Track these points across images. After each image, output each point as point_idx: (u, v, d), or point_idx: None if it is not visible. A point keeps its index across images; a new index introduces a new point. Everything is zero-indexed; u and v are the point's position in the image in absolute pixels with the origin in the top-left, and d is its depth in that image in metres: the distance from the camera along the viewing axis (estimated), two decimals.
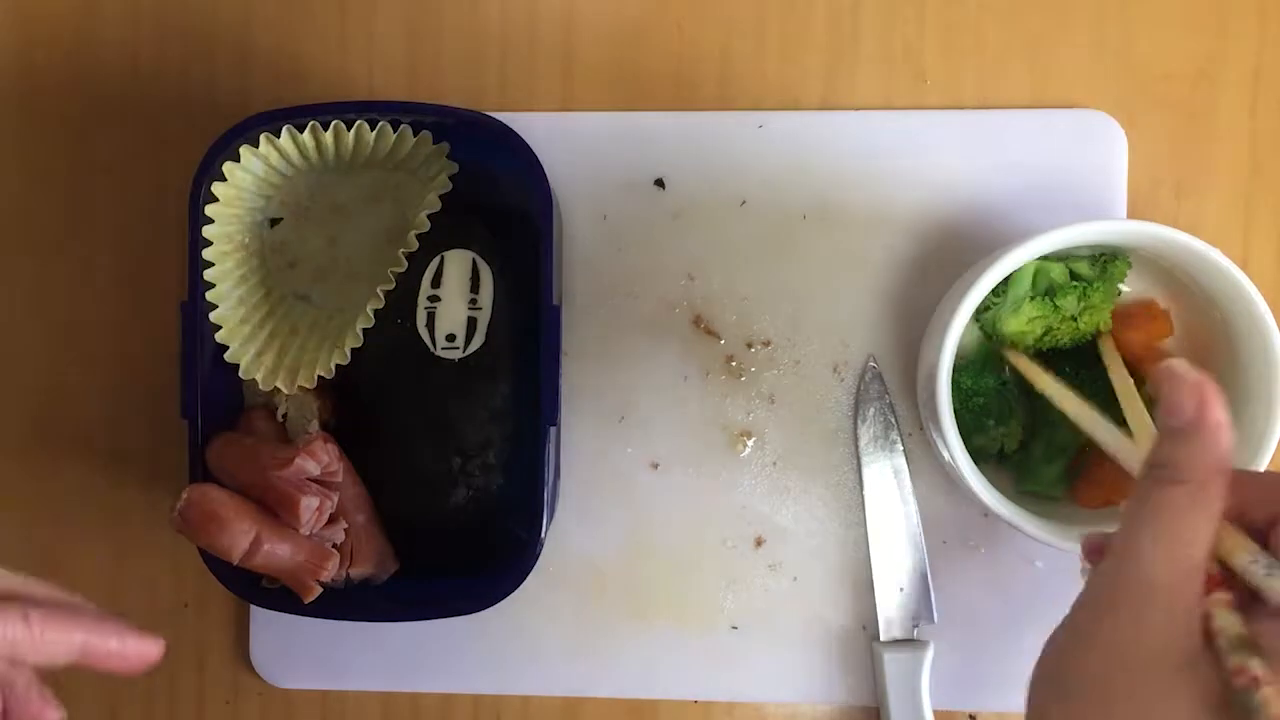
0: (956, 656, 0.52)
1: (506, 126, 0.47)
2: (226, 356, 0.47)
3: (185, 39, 0.55)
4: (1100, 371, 0.48)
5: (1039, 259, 0.47)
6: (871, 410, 0.52)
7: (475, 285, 0.48)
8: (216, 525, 0.44)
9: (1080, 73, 0.52)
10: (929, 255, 0.52)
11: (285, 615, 0.47)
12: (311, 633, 0.53)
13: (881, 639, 0.51)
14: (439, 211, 0.47)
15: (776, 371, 0.53)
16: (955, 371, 0.47)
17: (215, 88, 0.55)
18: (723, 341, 0.53)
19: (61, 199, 0.55)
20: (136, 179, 0.55)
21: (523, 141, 0.47)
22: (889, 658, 0.50)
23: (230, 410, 0.49)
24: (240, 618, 0.54)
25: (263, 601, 0.48)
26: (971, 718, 0.53)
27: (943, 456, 0.48)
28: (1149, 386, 0.45)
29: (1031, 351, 0.48)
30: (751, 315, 0.53)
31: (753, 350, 0.53)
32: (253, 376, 0.47)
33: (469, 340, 0.48)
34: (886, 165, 0.52)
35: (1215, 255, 0.44)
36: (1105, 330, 0.48)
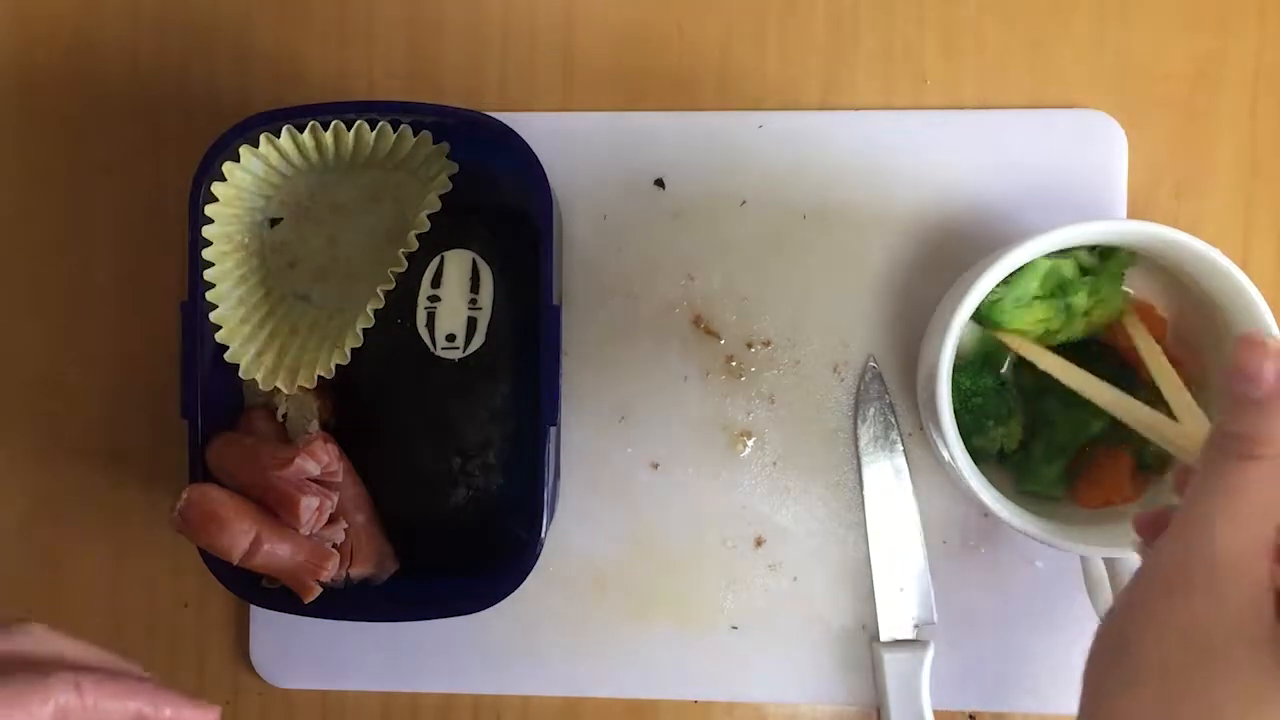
0: (956, 656, 0.52)
1: (506, 126, 0.47)
2: (226, 356, 0.47)
3: (185, 38, 0.55)
4: (1105, 365, 0.48)
5: (1049, 256, 0.47)
6: (871, 410, 0.52)
7: (475, 285, 0.48)
8: (216, 525, 0.44)
9: (1080, 73, 0.52)
10: (929, 255, 0.52)
11: (285, 615, 0.47)
12: (311, 633, 0.53)
13: (881, 639, 0.51)
14: (439, 211, 0.47)
15: (776, 371, 0.53)
16: (955, 371, 0.46)
17: (215, 88, 0.55)
18: (723, 341, 0.53)
19: (61, 199, 0.55)
20: (136, 179, 0.55)
21: (523, 141, 0.47)
22: (889, 658, 0.50)
23: (230, 410, 0.49)
24: (240, 618, 0.54)
25: (263, 601, 0.48)
26: (971, 718, 0.53)
27: (943, 456, 0.48)
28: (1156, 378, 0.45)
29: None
30: (751, 315, 0.53)
31: (753, 350, 0.53)
32: (253, 376, 0.47)
33: (469, 340, 0.48)
34: (886, 165, 0.52)
35: (1215, 255, 0.44)
36: (1127, 310, 0.48)
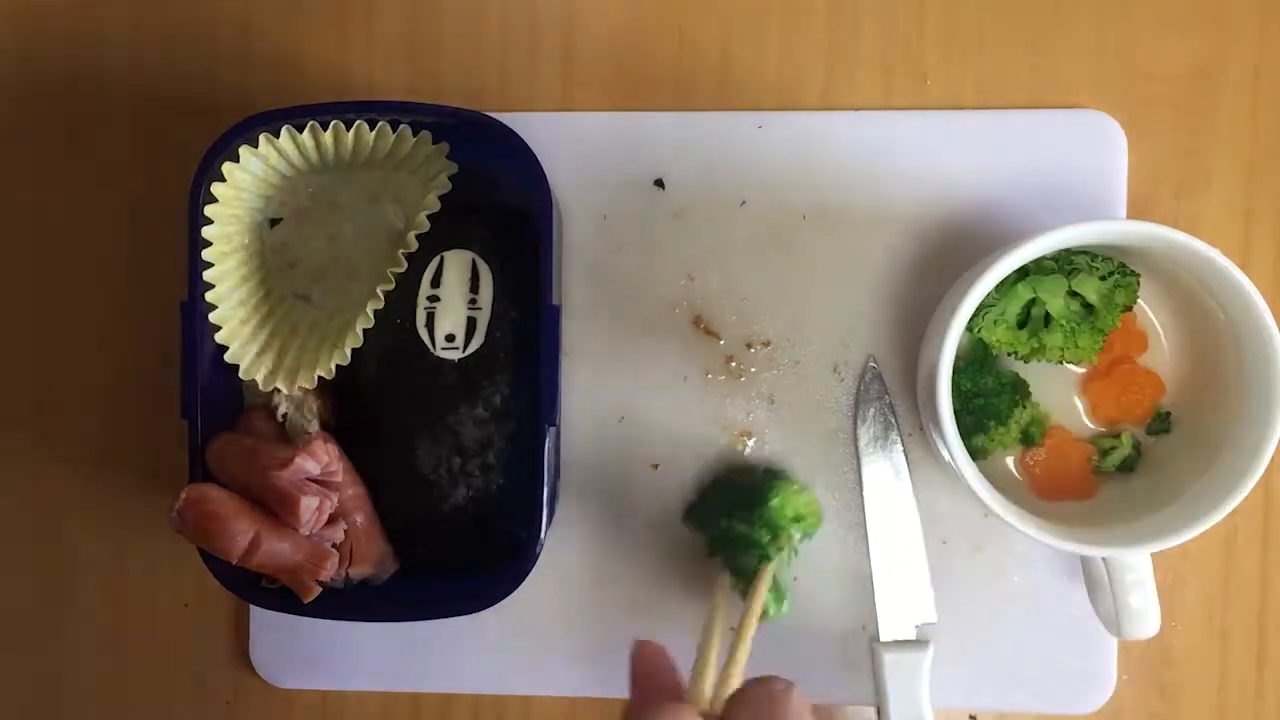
0: (956, 656, 0.52)
1: (506, 126, 0.47)
2: (227, 357, 0.47)
3: (185, 39, 0.55)
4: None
5: (1044, 284, 0.47)
6: (871, 410, 0.52)
7: (475, 285, 0.48)
8: (215, 525, 0.44)
9: (1080, 73, 0.52)
10: (929, 255, 0.52)
11: (285, 615, 0.47)
12: (311, 633, 0.53)
13: (881, 639, 0.51)
14: (439, 211, 0.47)
15: (776, 371, 0.53)
16: (955, 372, 0.46)
17: (215, 88, 0.55)
18: (723, 341, 0.53)
19: (62, 199, 0.55)
20: (136, 179, 0.55)
21: (523, 141, 0.47)
22: (889, 658, 0.50)
23: (230, 410, 0.49)
24: (240, 618, 0.54)
25: (263, 601, 0.48)
26: (972, 718, 0.53)
27: (943, 456, 0.48)
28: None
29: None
30: (751, 315, 0.53)
31: (753, 350, 0.53)
32: (253, 377, 0.47)
33: (469, 340, 0.48)
34: (886, 165, 0.52)
35: (1215, 256, 0.44)
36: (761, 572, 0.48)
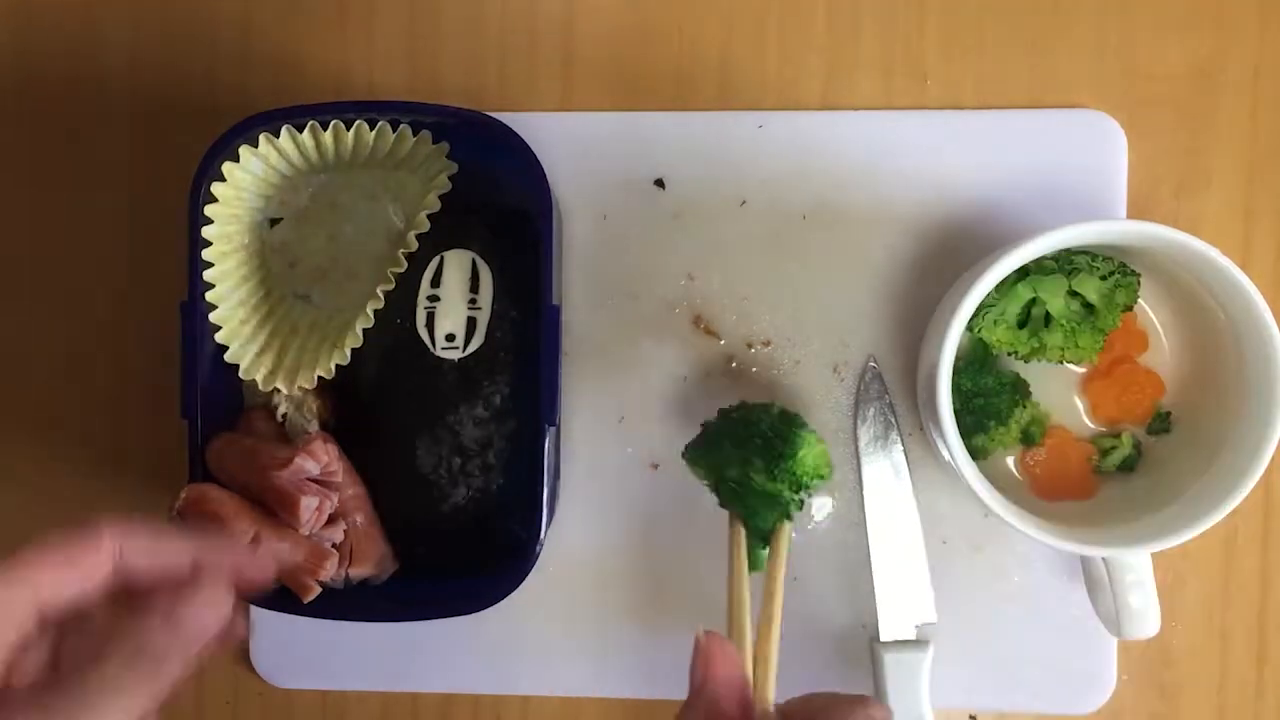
0: (956, 656, 0.52)
1: (506, 126, 0.47)
2: (227, 357, 0.47)
3: (185, 39, 0.55)
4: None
5: (1044, 284, 0.47)
6: (871, 410, 0.52)
7: (475, 285, 0.48)
8: (215, 525, 0.44)
9: (1080, 73, 0.52)
10: (929, 255, 0.52)
11: (285, 615, 0.47)
12: (311, 633, 0.53)
13: (881, 639, 0.51)
14: (439, 211, 0.47)
15: (776, 371, 0.53)
16: (955, 372, 0.46)
17: (215, 88, 0.55)
18: (723, 341, 0.53)
19: (61, 199, 0.55)
20: (136, 179, 0.55)
21: (523, 141, 0.47)
22: (889, 658, 0.50)
23: (230, 410, 0.49)
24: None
25: (263, 601, 0.48)
26: (972, 718, 0.53)
27: (943, 456, 0.48)
28: None
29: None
30: (751, 315, 0.53)
31: (753, 350, 0.53)
32: (253, 377, 0.47)
33: (469, 340, 0.48)
34: (886, 165, 0.52)
35: (1215, 255, 0.44)
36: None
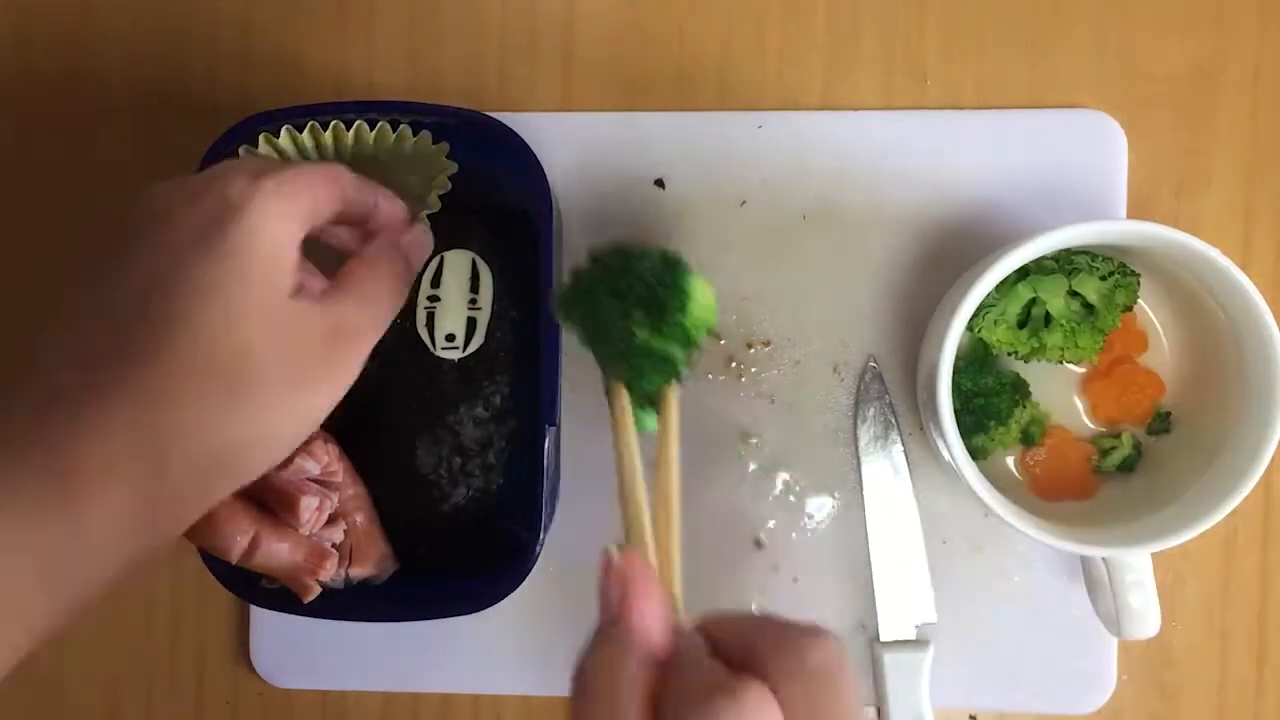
0: (956, 656, 0.52)
1: (506, 126, 0.47)
2: None
3: (185, 38, 0.55)
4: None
5: (1044, 284, 0.48)
6: (871, 410, 0.52)
7: (475, 285, 0.48)
8: (215, 525, 0.44)
9: (1080, 73, 0.52)
10: (929, 255, 0.52)
11: (285, 615, 0.47)
12: (311, 633, 0.53)
13: (881, 639, 0.51)
14: (439, 211, 0.47)
15: (776, 371, 0.53)
16: (955, 372, 0.46)
17: (215, 88, 0.55)
18: (723, 341, 0.53)
19: (62, 199, 0.55)
20: (136, 179, 0.55)
21: (523, 141, 0.47)
22: (889, 658, 0.50)
23: None
24: (240, 618, 0.54)
25: (263, 601, 0.48)
26: (972, 718, 0.53)
27: (943, 456, 0.48)
28: None
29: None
30: (751, 315, 0.53)
31: (753, 350, 0.53)
32: None
33: (469, 340, 0.48)
34: (886, 165, 0.52)
35: (1215, 255, 0.44)
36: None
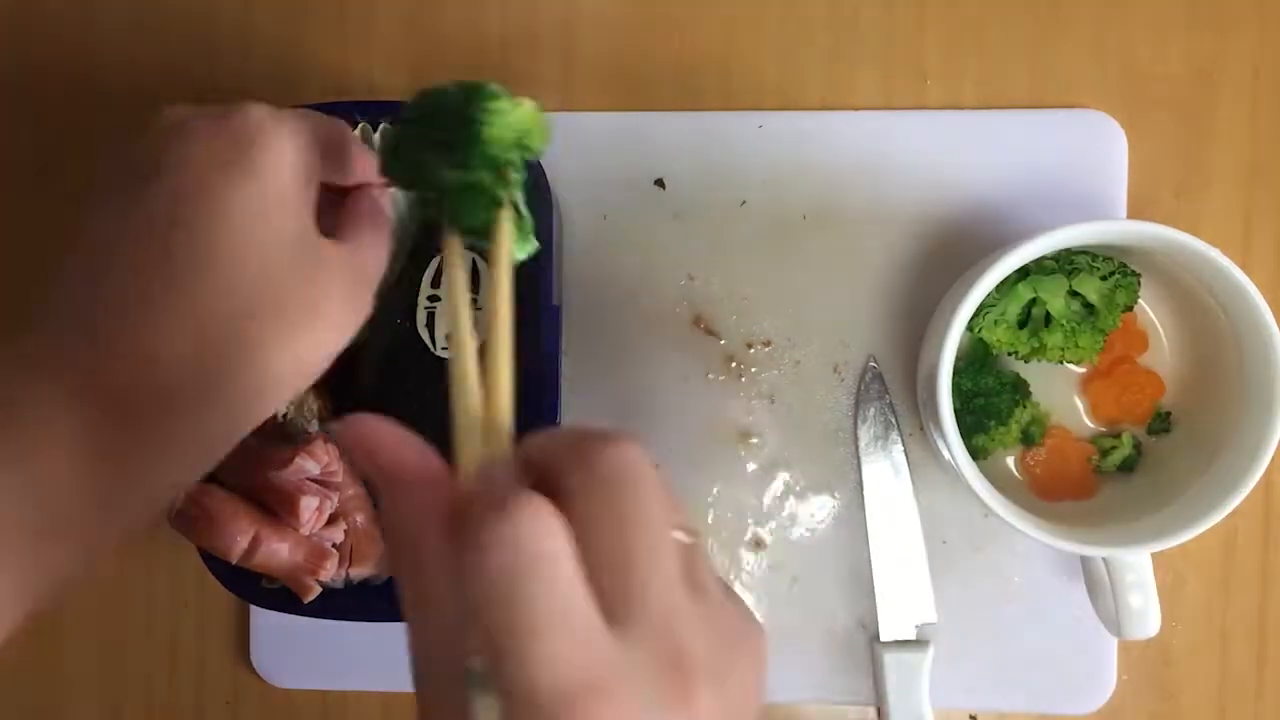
0: (956, 656, 0.52)
1: None
2: None
3: (185, 38, 0.55)
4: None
5: (1044, 284, 0.48)
6: (871, 410, 0.52)
7: (475, 285, 0.48)
8: (215, 525, 0.44)
9: (1080, 73, 0.52)
10: (929, 255, 0.52)
11: (285, 615, 0.47)
12: (311, 633, 0.53)
13: (881, 639, 0.51)
14: None
15: (776, 371, 0.53)
16: (955, 372, 0.46)
17: (215, 88, 0.55)
18: (723, 341, 0.53)
19: (62, 200, 0.55)
20: None
21: None
22: (889, 658, 0.50)
23: None
24: (240, 618, 0.54)
25: (263, 601, 0.48)
26: (972, 718, 0.53)
27: (943, 456, 0.48)
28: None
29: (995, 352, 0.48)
30: (751, 315, 0.53)
31: (753, 350, 0.53)
32: None
33: None
34: (886, 165, 0.52)
35: (1215, 255, 0.44)
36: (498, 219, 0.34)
